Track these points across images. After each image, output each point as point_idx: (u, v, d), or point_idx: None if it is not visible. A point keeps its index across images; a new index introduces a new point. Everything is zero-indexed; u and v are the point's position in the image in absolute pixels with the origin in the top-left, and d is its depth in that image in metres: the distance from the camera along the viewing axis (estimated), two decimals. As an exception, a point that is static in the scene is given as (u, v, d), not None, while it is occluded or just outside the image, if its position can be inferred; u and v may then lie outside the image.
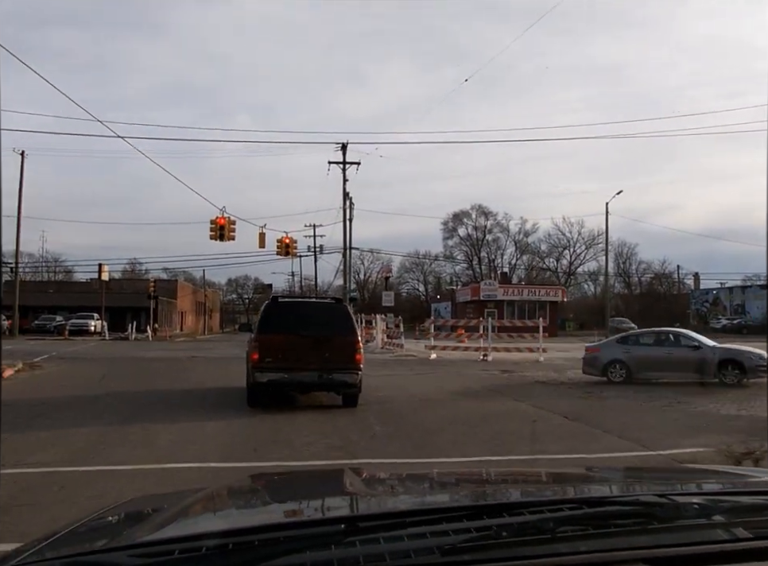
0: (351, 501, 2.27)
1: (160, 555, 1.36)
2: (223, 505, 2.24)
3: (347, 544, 1.38)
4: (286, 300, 15.67)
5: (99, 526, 1.89)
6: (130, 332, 46.37)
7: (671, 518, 1.51)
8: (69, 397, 14.04)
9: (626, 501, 1.69)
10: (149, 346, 37.62)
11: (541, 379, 19.65)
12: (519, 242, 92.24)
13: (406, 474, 2.97)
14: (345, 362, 12.70)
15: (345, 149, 51.32)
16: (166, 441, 9.37)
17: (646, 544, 1.39)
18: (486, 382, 18.37)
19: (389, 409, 13.01)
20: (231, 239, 32.24)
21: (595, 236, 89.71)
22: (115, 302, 65.82)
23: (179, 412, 12.17)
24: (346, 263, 49.52)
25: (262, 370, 12.45)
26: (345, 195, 49.97)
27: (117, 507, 2.14)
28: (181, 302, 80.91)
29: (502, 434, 10.46)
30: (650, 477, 2.86)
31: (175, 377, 18.94)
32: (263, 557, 1.32)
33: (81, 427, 10.39)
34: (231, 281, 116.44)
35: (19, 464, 7.53)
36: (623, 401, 14.78)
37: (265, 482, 2.78)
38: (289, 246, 40.05)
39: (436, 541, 1.38)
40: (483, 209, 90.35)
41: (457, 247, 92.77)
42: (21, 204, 47.44)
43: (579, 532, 1.44)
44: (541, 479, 2.68)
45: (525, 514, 1.53)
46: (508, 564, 1.33)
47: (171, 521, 1.81)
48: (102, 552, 1.45)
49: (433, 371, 21.78)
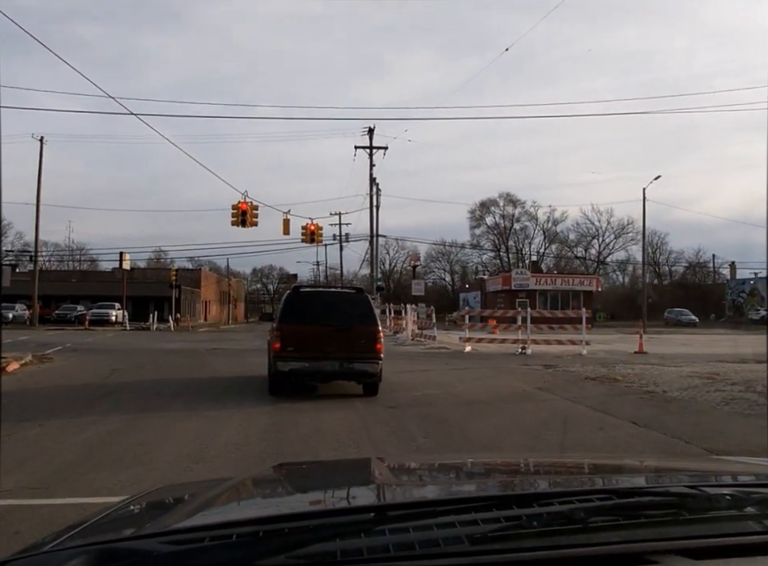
0: (379, 490, 2.22)
1: (191, 542, 1.35)
2: (250, 494, 2.27)
3: (376, 532, 1.38)
4: (307, 289, 15.56)
5: (128, 514, 1.93)
6: (151, 322, 45.09)
7: (703, 509, 1.48)
8: (69, 397, 12.51)
9: (657, 491, 1.65)
10: (170, 337, 36.22)
11: (590, 375, 17.84)
12: (548, 231, 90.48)
13: (433, 464, 3.00)
14: (366, 351, 12.67)
15: (372, 133, 49.53)
16: (169, 457, 7.76)
17: (678, 535, 1.37)
18: (531, 379, 16.62)
19: (430, 414, 11.30)
20: (254, 225, 30.72)
21: (624, 225, 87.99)
22: (138, 292, 65.12)
23: (188, 419, 10.56)
24: (373, 251, 47.85)
25: (284, 359, 12.43)
26: (372, 181, 48.24)
27: (144, 496, 2.18)
28: (205, 291, 79.85)
29: (569, 446, 8.74)
30: (682, 468, 2.75)
31: (190, 373, 17.41)
32: (294, 545, 1.32)
33: (71, 436, 8.82)
34: (256, 270, 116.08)
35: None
36: (695, 405, 12.95)
37: (291, 472, 2.77)
38: (315, 233, 38.46)
39: (465, 530, 1.37)
40: (511, 197, 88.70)
41: (484, 236, 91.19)
42: (39, 191, 46.37)
43: (610, 522, 1.42)
44: (570, 470, 2.63)
45: (554, 504, 1.50)
46: (539, 554, 1.30)
47: (200, 510, 1.82)
48: (133, 539, 1.47)
49: (471, 366, 20.05)
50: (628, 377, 17.56)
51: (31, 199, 46.53)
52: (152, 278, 73.21)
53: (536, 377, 17.39)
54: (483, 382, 15.84)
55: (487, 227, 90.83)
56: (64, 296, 63.80)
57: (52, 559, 1.37)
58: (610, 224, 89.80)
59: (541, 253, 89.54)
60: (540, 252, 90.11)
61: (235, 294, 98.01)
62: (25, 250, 75.42)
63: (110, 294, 56.83)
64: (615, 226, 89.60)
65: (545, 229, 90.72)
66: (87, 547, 1.39)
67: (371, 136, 49.84)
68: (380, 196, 49.11)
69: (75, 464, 7.21)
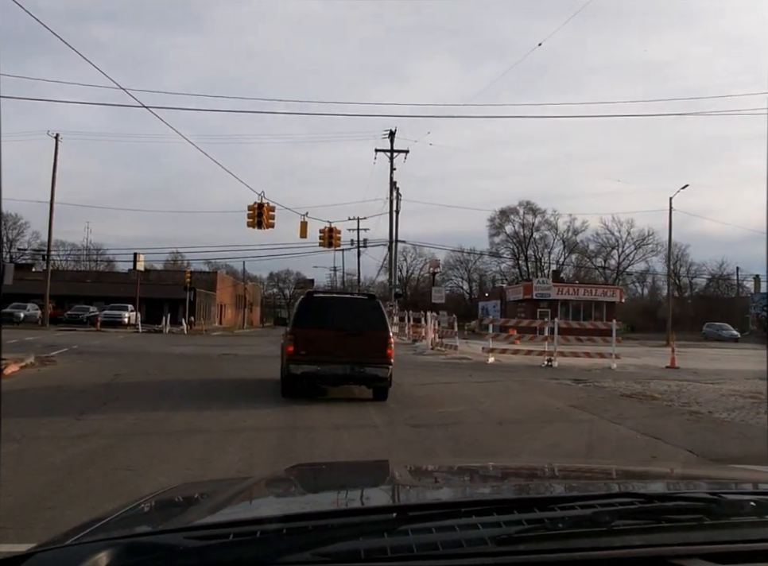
0: (399, 491, 2.23)
1: (215, 538, 1.36)
2: (271, 492, 2.24)
3: (399, 532, 1.38)
4: (320, 295, 15.66)
5: (148, 510, 1.94)
6: (164, 325, 44.13)
7: (726, 515, 1.47)
8: (61, 405, 11.39)
9: (680, 497, 1.65)
10: (182, 340, 35.14)
11: (626, 392, 16.58)
12: (567, 241, 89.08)
13: (452, 467, 3.06)
14: (377, 356, 12.84)
15: (393, 136, 48.51)
16: (158, 487, 6.61)
17: (702, 540, 1.37)
18: (563, 396, 15.38)
19: (459, 435, 10.08)
20: (270, 226, 29.68)
21: (645, 236, 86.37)
22: (153, 293, 64.40)
23: (188, 437, 9.43)
24: (392, 256, 46.73)
25: (297, 362, 12.73)
26: (392, 185, 47.18)
27: (163, 493, 2.20)
28: (221, 295, 79.03)
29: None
30: (704, 475, 2.70)
31: (196, 382, 16.33)
32: (318, 542, 1.32)
33: (51, 456, 7.69)
34: (273, 275, 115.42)
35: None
36: (751, 430, 11.64)
37: (311, 472, 2.78)
38: (333, 237, 37.39)
39: (488, 532, 1.37)
40: (531, 206, 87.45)
41: (503, 244, 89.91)
42: (54, 189, 45.64)
43: (634, 526, 1.41)
44: (592, 474, 2.59)
45: (576, 508, 1.51)
46: (563, 556, 1.30)
47: (221, 507, 1.85)
48: (158, 534, 1.47)
49: (496, 378, 18.83)
50: (666, 394, 16.31)
51: (47, 198, 45.78)
52: (167, 280, 72.41)
53: (567, 392, 16.16)
54: (512, 398, 14.63)
55: (506, 236, 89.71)
56: (79, 296, 63.09)
57: (77, 551, 1.36)
58: (630, 235, 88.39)
59: (560, 263, 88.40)
60: (559, 261, 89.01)
61: (251, 298, 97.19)
62: (41, 250, 74.97)
63: (125, 295, 55.91)
64: (636, 237, 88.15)
65: (565, 238, 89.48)
66: (113, 540, 1.39)
67: (392, 139, 48.81)
68: (400, 201, 48.06)
69: (43, 496, 6.03)
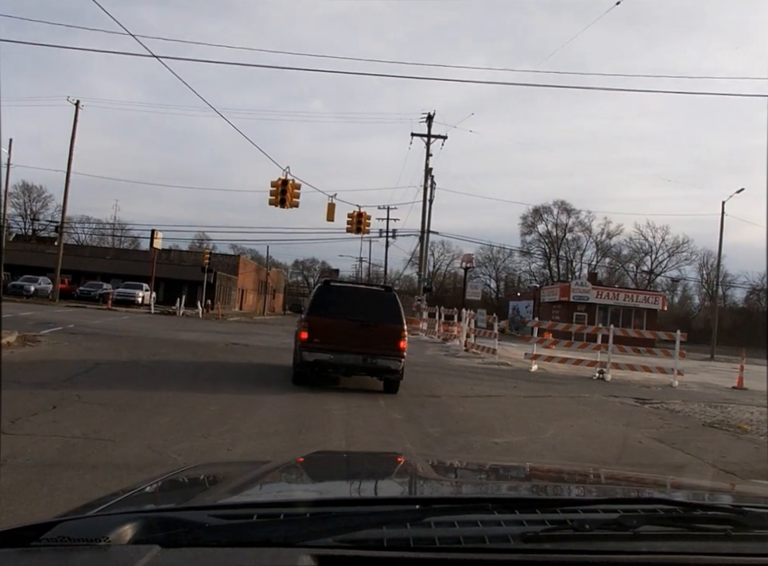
0: (422, 483, 2.21)
1: (239, 518, 1.36)
2: (295, 478, 2.25)
3: (423, 524, 1.37)
4: (337, 284, 15.29)
5: (170, 487, 1.97)
6: (178, 307, 41.58)
7: (752, 527, 1.44)
8: (7, 401, 8.74)
9: (707, 506, 1.62)
10: (193, 324, 32.50)
11: (706, 419, 13.67)
12: (601, 244, 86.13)
13: (474, 464, 3.05)
14: (390, 348, 12.77)
15: (431, 120, 45.64)
16: None
17: (728, 551, 1.35)
18: (636, 422, 12.47)
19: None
20: (294, 206, 26.92)
21: (679, 244, 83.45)
22: (173, 274, 62.53)
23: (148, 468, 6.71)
24: (422, 247, 43.87)
25: (310, 350, 12.62)
26: (427, 172, 44.32)
27: (184, 471, 2.26)
28: (242, 279, 76.64)
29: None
30: (731, 488, 2.72)
31: (184, 381, 13.67)
32: (341, 529, 1.31)
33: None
34: (298, 262, 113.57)
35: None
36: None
37: (332, 459, 2.76)
38: (362, 222, 34.59)
39: (511, 529, 1.36)
40: (566, 206, 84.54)
41: (535, 244, 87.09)
42: (71, 158, 43.28)
43: (659, 532, 1.39)
44: (616, 480, 2.54)
45: (599, 512, 1.48)
46: (590, 557, 1.29)
47: (243, 488, 1.84)
48: (183, 510, 1.47)
49: (546, 393, 15.93)
50: (755, 425, 13.37)
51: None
52: (189, 261, 70.10)
53: (638, 417, 13.25)
54: (577, 423, 11.72)
55: (539, 235, 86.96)
56: (96, 273, 61.14)
57: (105, 521, 1.37)
58: (664, 241, 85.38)
59: (592, 266, 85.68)
60: (591, 264, 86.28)
61: (274, 284, 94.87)
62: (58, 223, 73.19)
63: (144, 274, 53.61)
64: (670, 244, 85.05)
65: (598, 241, 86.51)
66: (138, 513, 1.39)
67: (429, 124, 45.96)
68: (434, 189, 45.16)
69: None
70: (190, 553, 1.25)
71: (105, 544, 1.26)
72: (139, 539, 1.28)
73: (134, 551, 1.23)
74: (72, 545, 1.26)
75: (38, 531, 1.30)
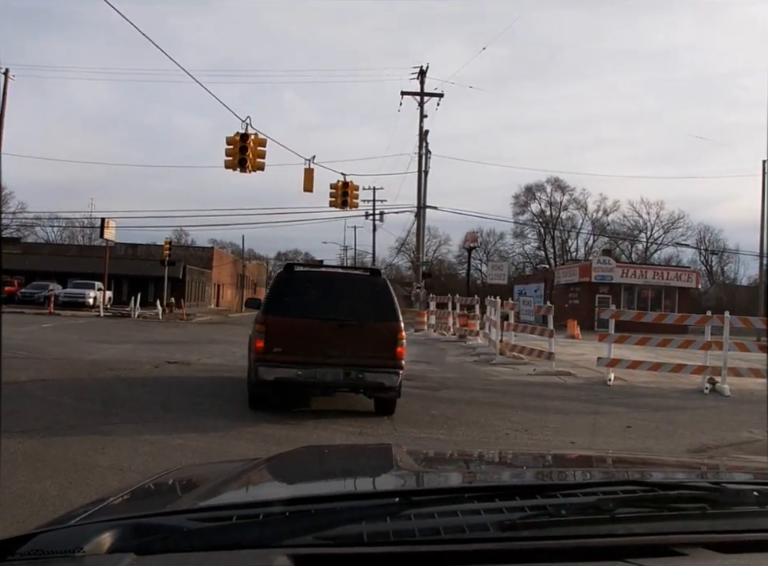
0: (403, 475, 2.20)
1: (218, 520, 1.34)
2: (276, 475, 2.20)
3: (402, 517, 1.36)
4: (304, 269, 11.38)
5: (151, 492, 1.89)
6: (132, 308, 34.81)
7: (729, 504, 1.44)
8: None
9: (683, 485, 1.60)
10: (141, 330, 25.62)
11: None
12: (597, 222, 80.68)
13: (455, 453, 3.02)
14: (382, 356, 9.39)
15: (423, 76, 38.92)
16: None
17: (705, 529, 1.34)
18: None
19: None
20: (258, 168, 20.22)
21: (674, 220, 77.96)
22: (139, 270, 56.09)
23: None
24: (419, 224, 37.25)
25: (269, 364, 9.33)
26: (422, 136, 37.66)
27: (164, 475, 2.13)
28: (217, 273, 69.87)
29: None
30: (707, 464, 2.70)
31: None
32: (320, 526, 1.30)
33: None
34: (281, 254, 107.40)
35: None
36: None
37: (315, 455, 2.72)
38: (348, 194, 27.88)
39: (490, 518, 1.35)
40: (559, 183, 78.69)
41: (528, 224, 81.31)
42: (1, 132, 36.18)
43: (636, 514, 1.39)
44: (595, 462, 2.54)
45: (578, 495, 1.47)
46: (567, 542, 1.27)
47: (224, 489, 1.80)
48: (162, 515, 1.43)
49: (651, 421, 9.49)
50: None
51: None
52: (158, 257, 63.34)
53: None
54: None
55: (532, 214, 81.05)
56: (53, 272, 54.26)
57: (81, 531, 1.34)
58: (659, 218, 79.95)
59: (589, 245, 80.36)
60: (588, 244, 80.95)
61: (254, 278, 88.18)
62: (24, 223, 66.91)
63: (111, 272, 46.82)
64: (665, 221, 79.87)
65: (594, 219, 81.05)
66: (116, 521, 1.37)
67: (422, 80, 39.27)
68: (429, 159, 38.53)
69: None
70: (164, 560, 1.24)
71: (80, 555, 1.24)
72: (116, 548, 1.26)
73: (108, 560, 1.23)
74: (46, 558, 1.25)
75: (15, 544, 1.27)
